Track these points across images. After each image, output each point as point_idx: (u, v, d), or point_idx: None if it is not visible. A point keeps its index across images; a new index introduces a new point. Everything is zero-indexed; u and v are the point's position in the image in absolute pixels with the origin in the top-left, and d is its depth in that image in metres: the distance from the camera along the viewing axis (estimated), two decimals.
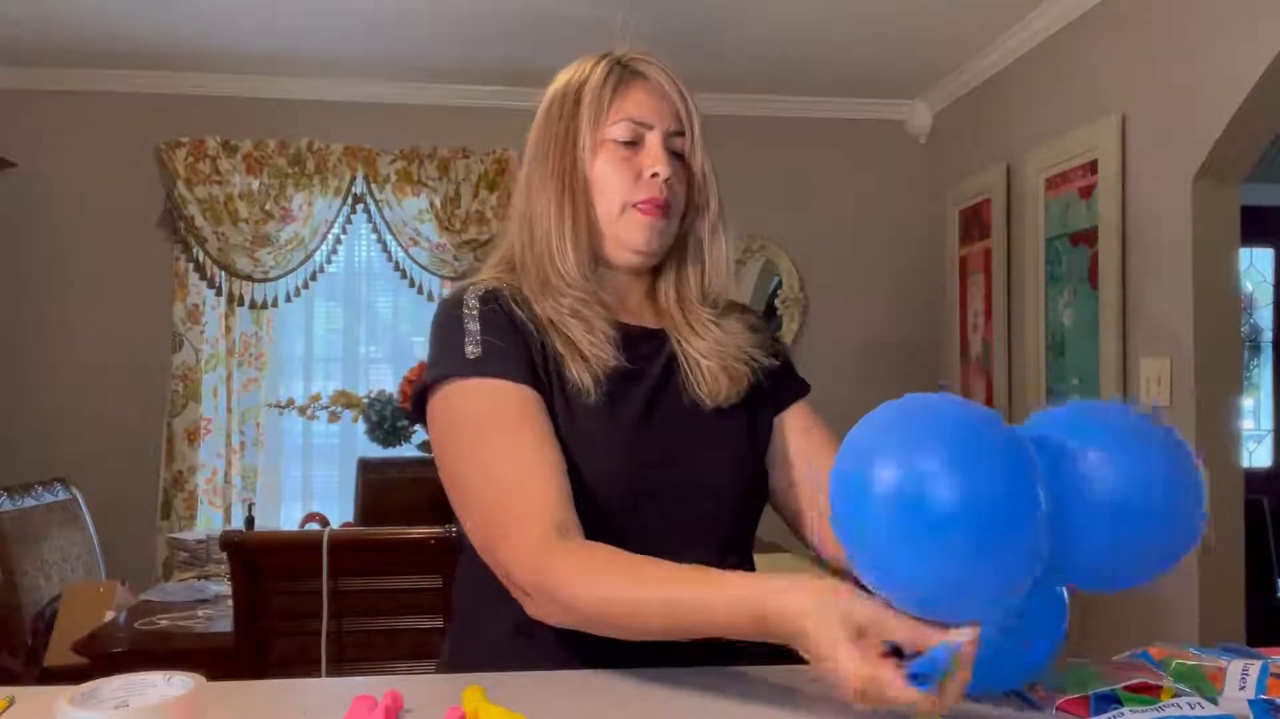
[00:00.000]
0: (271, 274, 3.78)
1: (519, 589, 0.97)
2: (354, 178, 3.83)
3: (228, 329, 3.78)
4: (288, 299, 3.83)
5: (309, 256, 3.81)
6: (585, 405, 1.05)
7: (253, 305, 3.79)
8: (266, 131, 3.77)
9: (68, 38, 3.36)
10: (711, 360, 1.13)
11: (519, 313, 1.08)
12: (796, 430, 1.20)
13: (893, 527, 0.73)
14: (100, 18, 3.18)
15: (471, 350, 1.04)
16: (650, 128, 1.12)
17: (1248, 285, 4.62)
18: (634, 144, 1.12)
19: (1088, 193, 2.89)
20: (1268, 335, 4.72)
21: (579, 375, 1.05)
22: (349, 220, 3.87)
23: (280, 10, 3.13)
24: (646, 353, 1.13)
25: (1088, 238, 2.90)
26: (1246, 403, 4.58)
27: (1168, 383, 2.55)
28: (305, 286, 3.84)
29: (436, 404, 1.05)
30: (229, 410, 3.78)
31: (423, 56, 3.54)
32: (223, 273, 3.76)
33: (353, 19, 3.19)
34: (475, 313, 1.06)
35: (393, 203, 3.83)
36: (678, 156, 1.14)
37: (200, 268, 3.75)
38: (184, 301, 3.74)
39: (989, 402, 3.57)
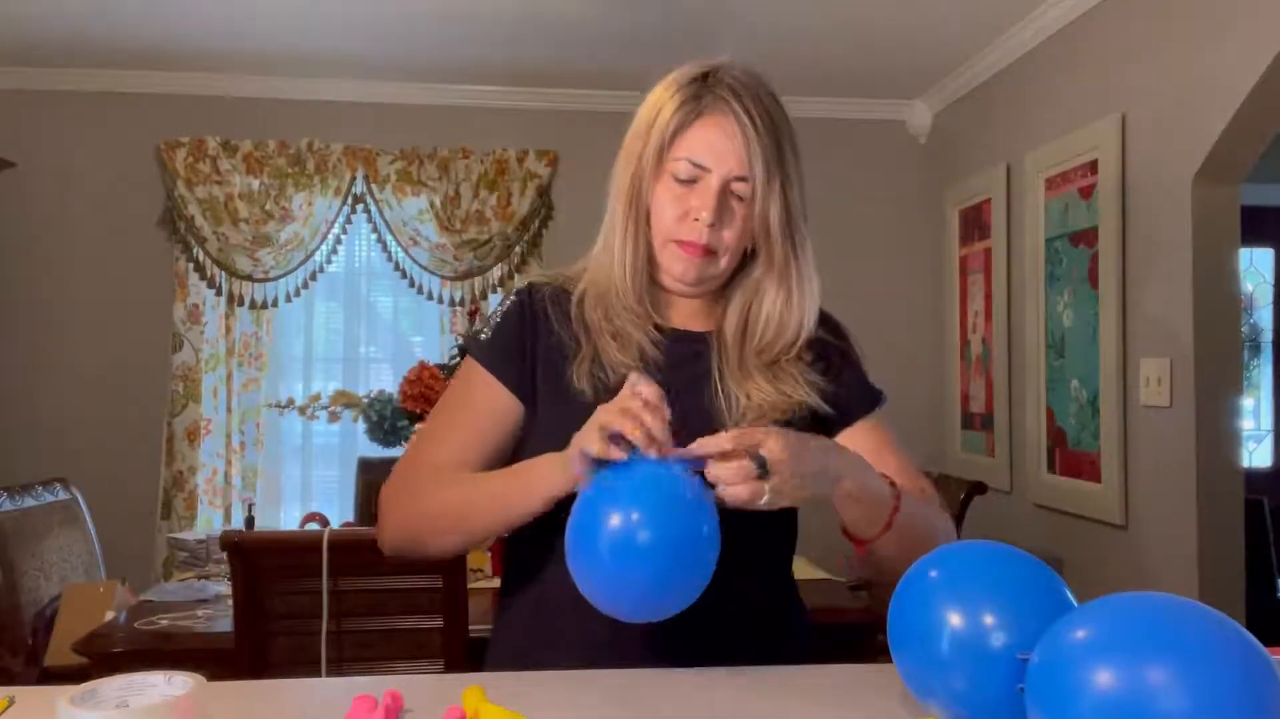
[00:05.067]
0: (271, 274, 3.78)
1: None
2: (354, 178, 3.83)
3: (228, 329, 3.78)
4: (288, 299, 3.84)
5: (309, 256, 3.82)
6: (585, 404, 1.05)
7: (253, 305, 3.80)
8: (266, 131, 3.77)
9: (68, 38, 3.36)
10: (751, 399, 1.13)
11: (553, 309, 1.16)
12: (864, 452, 1.12)
13: None
14: (101, 18, 3.18)
15: (485, 335, 1.19)
16: (708, 171, 1.11)
17: (1248, 285, 4.62)
18: (691, 182, 1.12)
19: (1088, 193, 2.89)
20: (1268, 335, 4.72)
21: (578, 380, 1.10)
22: (349, 220, 3.87)
23: (280, 10, 3.12)
24: (682, 358, 1.15)
25: (1088, 238, 2.90)
26: (1246, 403, 4.57)
27: (1168, 383, 2.55)
28: (305, 286, 3.85)
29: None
30: (229, 410, 3.78)
31: (422, 56, 3.54)
32: (223, 273, 3.76)
33: (352, 19, 3.19)
34: (506, 305, 1.20)
35: (393, 203, 3.83)
36: (741, 200, 1.12)
37: (200, 268, 3.75)
38: (184, 302, 3.74)
39: (989, 402, 3.56)
